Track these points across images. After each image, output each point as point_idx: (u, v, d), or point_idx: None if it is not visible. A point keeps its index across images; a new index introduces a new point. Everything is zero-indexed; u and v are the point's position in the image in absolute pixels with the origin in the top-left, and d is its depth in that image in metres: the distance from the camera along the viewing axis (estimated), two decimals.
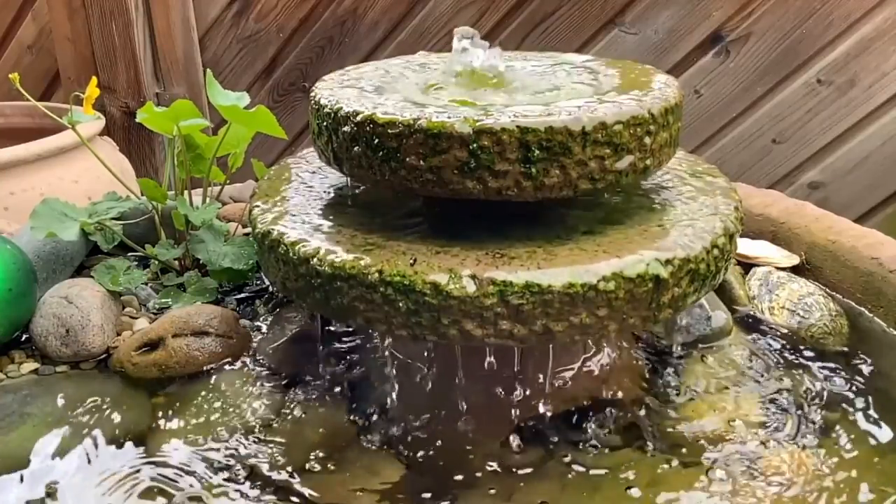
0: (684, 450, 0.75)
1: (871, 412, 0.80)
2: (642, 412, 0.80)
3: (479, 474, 0.72)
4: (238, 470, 0.73)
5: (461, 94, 0.80)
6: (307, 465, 0.74)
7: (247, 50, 2.02)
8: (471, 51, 0.82)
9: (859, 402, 0.81)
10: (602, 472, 0.72)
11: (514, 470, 0.73)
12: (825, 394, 0.82)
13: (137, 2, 1.91)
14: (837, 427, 0.78)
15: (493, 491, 0.71)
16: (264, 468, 0.73)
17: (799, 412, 0.80)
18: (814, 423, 0.78)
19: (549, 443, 0.76)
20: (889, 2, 1.78)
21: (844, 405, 0.81)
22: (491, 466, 0.73)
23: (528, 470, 0.73)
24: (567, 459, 0.74)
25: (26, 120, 1.69)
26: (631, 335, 0.91)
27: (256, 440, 0.77)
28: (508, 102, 0.76)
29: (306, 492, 0.71)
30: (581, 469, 0.73)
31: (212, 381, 0.85)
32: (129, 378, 0.86)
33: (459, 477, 0.72)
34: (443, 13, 1.92)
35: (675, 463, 0.73)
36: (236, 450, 0.75)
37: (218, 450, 0.75)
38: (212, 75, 1.03)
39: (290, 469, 0.73)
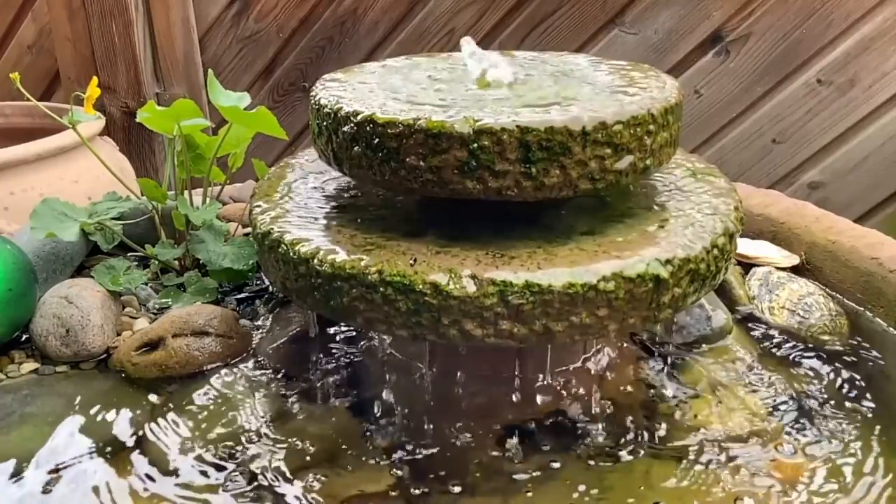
0: (683, 450, 0.75)
1: (872, 412, 0.80)
2: (641, 413, 0.80)
3: (477, 475, 0.72)
4: (237, 470, 0.73)
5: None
6: (307, 466, 0.73)
7: (247, 50, 2.02)
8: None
9: (860, 402, 0.81)
10: (600, 472, 0.72)
11: (511, 472, 0.73)
12: (825, 394, 0.82)
13: (137, 2, 1.91)
14: (838, 427, 0.78)
15: (491, 492, 0.71)
16: (264, 468, 0.73)
17: (799, 412, 0.80)
18: (814, 423, 0.78)
19: (547, 444, 0.76)
20: (889, 2, 1.78)
21: (845, 405, 0.81)
22: (489, 467, 0.73)
23: (526, 470, 0.73)
24: (565, 460, 0.74)
25: (26, 120, 1.69)
26: (630, 335, 0.91)
27: (256, 440, 0.77)
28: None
29: (306, 493, 0.71)
30: (579, 470, 0.73)
31: (212, 382, 0.85)
32: (128, 378, 0.86)
33: (458, 478, 0.72)
34: (443, 13, 1.92)
35: (674, 463, 0.73)
36: (236, 450, 0.75)
37: (217, 450, 0.75)
38: (213, 75, 1.03)
39: (289, 469, 0.73)
